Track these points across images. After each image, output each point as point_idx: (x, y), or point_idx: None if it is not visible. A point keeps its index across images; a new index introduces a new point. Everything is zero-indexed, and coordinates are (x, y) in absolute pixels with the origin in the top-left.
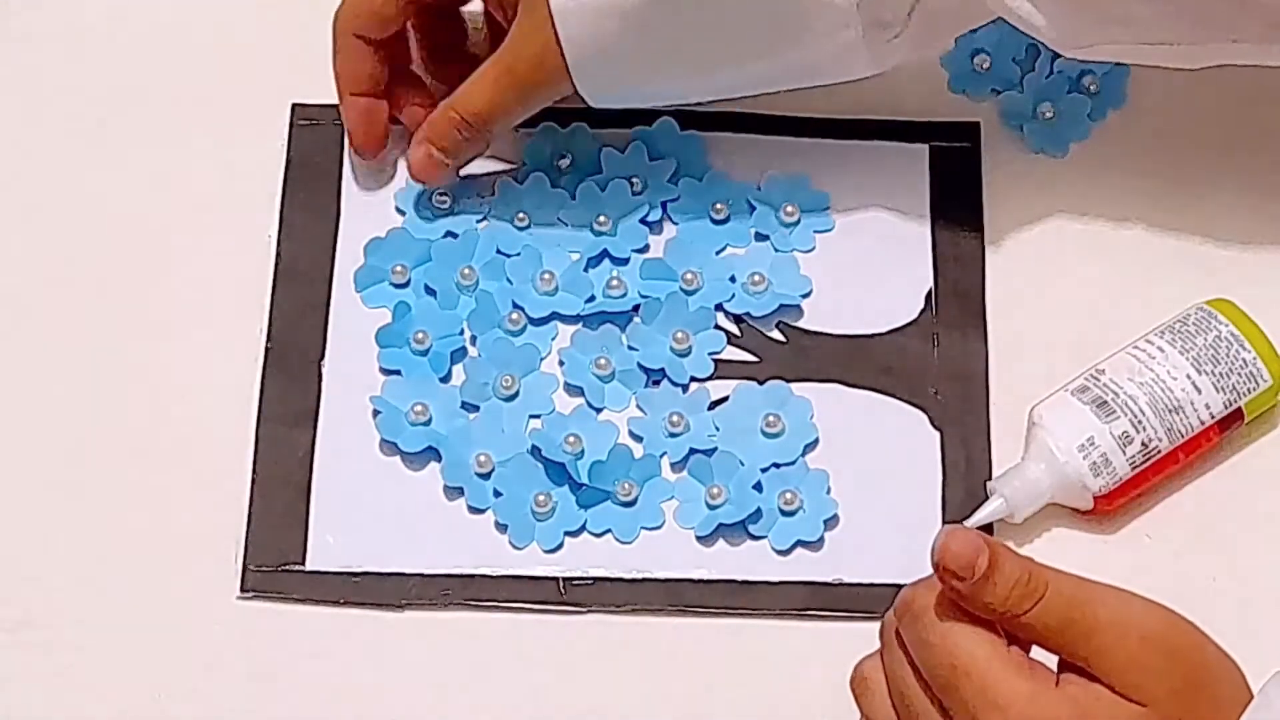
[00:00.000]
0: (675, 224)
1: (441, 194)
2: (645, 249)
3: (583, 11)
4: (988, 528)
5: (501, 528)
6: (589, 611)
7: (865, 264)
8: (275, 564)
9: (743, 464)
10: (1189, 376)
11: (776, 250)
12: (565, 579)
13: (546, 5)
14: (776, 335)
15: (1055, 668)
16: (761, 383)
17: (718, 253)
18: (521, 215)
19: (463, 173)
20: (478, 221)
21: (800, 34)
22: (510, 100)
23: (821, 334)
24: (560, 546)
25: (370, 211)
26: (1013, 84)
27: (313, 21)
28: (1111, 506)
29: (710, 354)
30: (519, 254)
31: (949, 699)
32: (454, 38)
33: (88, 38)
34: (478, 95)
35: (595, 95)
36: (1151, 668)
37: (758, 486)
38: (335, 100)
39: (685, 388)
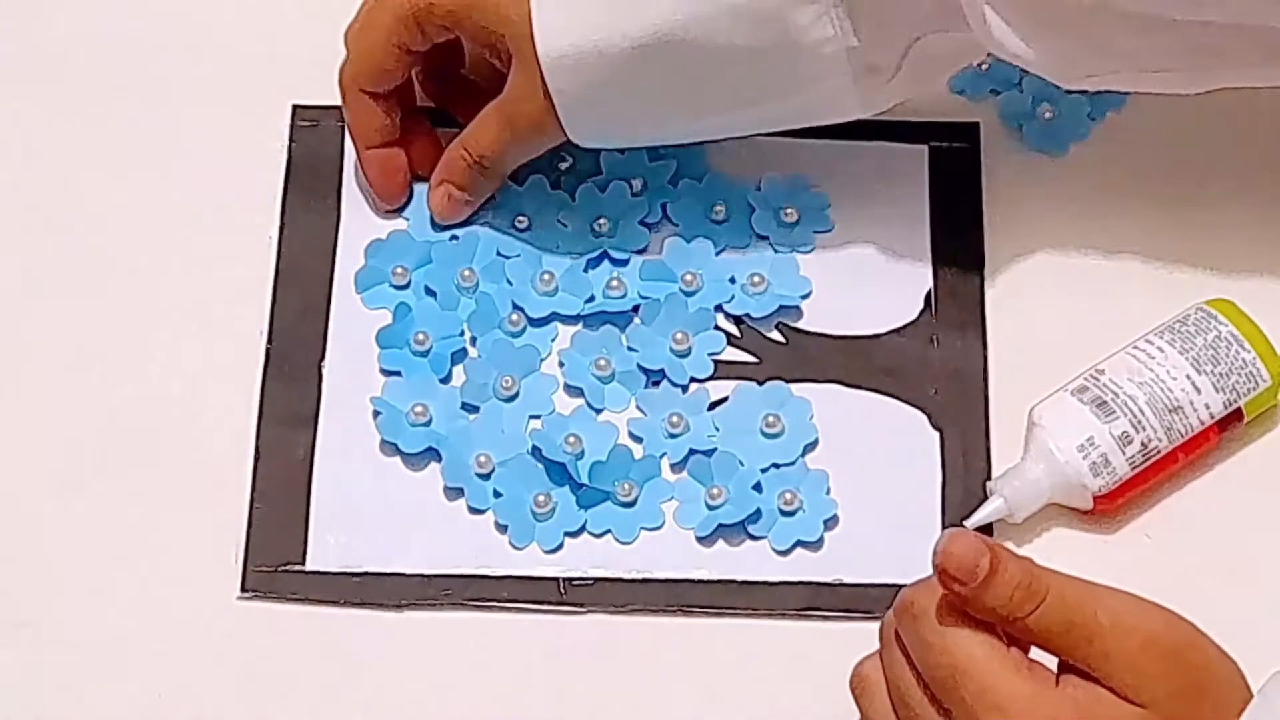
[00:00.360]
0: (675, 225)
1: None
2: (645, 250)
3: (571, 64)
4: (987, 528)
5: (501, 528)
6: (589, 612)
7: (864, 265)
8: (275, 564)
9: (742, 464)
10: (1189, 376)
11: (776, 251)
12: (565, 579)
13: (537, 58)
14: (776, 336)
15: (1055, 669)
16: (761, 383)
17: (717, 253)
18: (521, 217)
19: None
20: (478, 224)
21: (789, 82)
22: (513, 147)
23: (821, 335)
24: (560, 547)
25: (371, 213)
26: (1012, 84)
27: (313, 22)
28: (1111, 506)
29: (710, 355)
30: (519, 255)
31: (949, 700)
32: (453, 65)
33: (88, 38)
34: (485, 137)
35: (587, 140)
36: (1152, 670)
37: (757, 487)
38: (336, 101)
39: (685, 388)
